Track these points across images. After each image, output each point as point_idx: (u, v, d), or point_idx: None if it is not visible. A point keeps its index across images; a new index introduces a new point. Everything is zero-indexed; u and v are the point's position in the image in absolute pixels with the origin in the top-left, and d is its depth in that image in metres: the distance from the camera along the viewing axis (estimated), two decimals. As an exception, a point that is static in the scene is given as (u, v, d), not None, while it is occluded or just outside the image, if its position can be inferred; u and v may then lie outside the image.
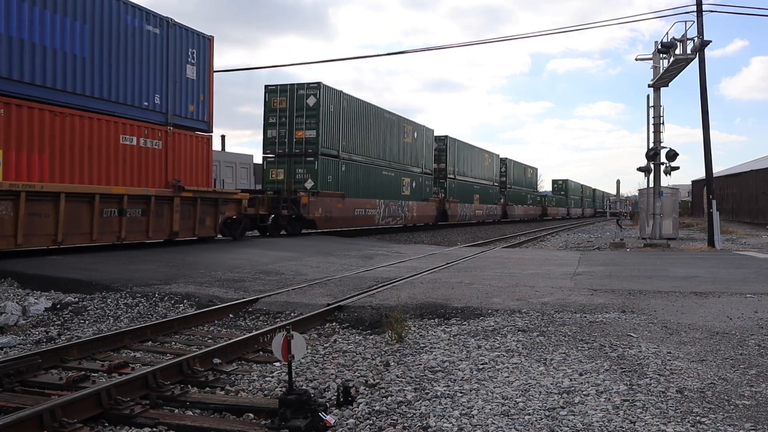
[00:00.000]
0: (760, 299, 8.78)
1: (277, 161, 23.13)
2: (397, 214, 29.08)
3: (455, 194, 38.13)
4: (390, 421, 4.13)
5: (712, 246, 19.77)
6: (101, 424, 4.27)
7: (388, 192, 28.36)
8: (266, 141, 23.44)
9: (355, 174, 25.42)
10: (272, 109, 23.14)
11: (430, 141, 34.46)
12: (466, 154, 41.02)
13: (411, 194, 31.11)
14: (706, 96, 19.94)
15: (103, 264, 11.58)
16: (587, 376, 5.00)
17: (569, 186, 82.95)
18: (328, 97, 23.18)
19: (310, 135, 22.72)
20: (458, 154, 39.18)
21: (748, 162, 60.95)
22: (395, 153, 29.45)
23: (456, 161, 38.63)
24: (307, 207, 21.44)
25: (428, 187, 34.00)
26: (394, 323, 6.54)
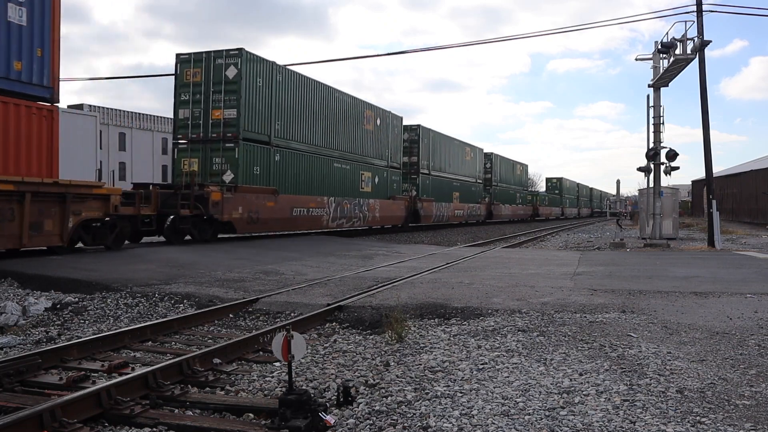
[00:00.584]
0: (760, 299, 8.78)
1: (191, 148, 18.61)
2: (353, 215, 24.93)
3: (430, 192, 34.01)
4: (390, 421, 4.13)
5: (712, 246, 19.77)
6: (101, 424, 4.27)
7: (342, 188, 24.20)
8: (177, 123, 18.89)
9: (295, 165, 21.18)
10: (184, 83, 18.64)
11: (398, 130, 30.10)
12: (444, 147, 36.65)
13: (373, 191, 26.90)
14: (706, 96, 19.95)
15: (103, 264, 11.58)
16: (587, 376, 5.00)
17: (564, 184, 79.38)
18: (253, 68, 18.74)
19: (230, 115, 18.22)
20: (434, 146, 34.86)
21: (748, 162, 60.98)
22: (352, 142, 25.06)
23: (431, 154, 34.41)
24: (219, 206, 16.95)
25: (395, 184, 29.67)
26: (394, 323, 6.54)
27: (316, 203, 22.34)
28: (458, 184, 39.42)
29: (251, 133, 18.78)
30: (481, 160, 45.57)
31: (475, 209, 43.13)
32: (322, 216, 22.64)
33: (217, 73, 18.32)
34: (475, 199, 43.42)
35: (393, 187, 29.47)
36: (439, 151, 35.72)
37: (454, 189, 38.43)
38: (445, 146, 36.88)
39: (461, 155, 40.27)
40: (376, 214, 27.24)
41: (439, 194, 35.53)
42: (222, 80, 18.21)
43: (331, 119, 23.62)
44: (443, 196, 36.20)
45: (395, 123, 30.02)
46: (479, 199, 44.35)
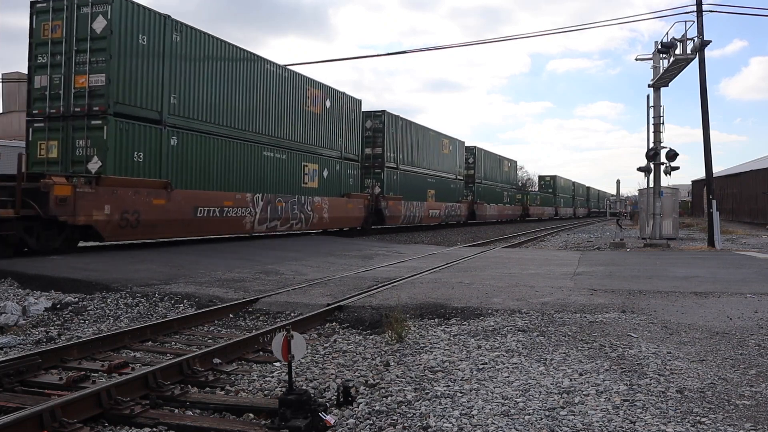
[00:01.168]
0: (760, 299, 8.78)
1: (49, 127, 14.05)
2: (290, 215, 20.24)
3: (398, 189, 29.54)
4: (390, 421, 4.13)
5: (712, 246, 19.77)
6: (101, 424, 4.26)
7: (275, 183, 19.66)
8: (32, 95, 14.30)
9: (203, 153, 16.50)
10: (42, 41, 14.14)
11: (355, 115, 25.46)
12: (416, 138, 32.11)
13: (320, 187, 22.49)
14: (706, 96, 19.95)
15: (103, 264, 11.58)
16: (587, 376, 5.00)
17: (558, 183, 74.78)
18: (133, 21, 14.25)
19: (97, 82, 13.70)
20: (403, 136, 30.36)
21: (748, 162, 60.99)
22: (290, 127, 20.56)
23: (399, 146, 29.89)
24: (70, 204, 12.39)
25: (352, 179, 25.16)
26: (394, 323, 6.54)
27: (235, 201, 17.37)
28: (434, 181, 34.65)
29: (129, 106, 14.17)
30: (462, 154, 40.73)
31: (455, 209, 38.20)
32: (244, 217, 17.79)
33: (82, 25, 13.78)
34: (455, 197, 38.48)
35: (349, 182, 24.77)
36: (409, 142, 31.17)
37: (428, 186, 33.79)
38: (417, 137, 32.24)
39: (437, 148, 35.47)
40: (324, 215, 22.59)
41: (410, 192, 30.86)
42: (88, 35, 13.72)
43: (259, 97, 18.92)
44: (415, 194, 31.56)
45: (352, 107, 25.18)
46: (459, 197, 39.50)
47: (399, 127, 30.09)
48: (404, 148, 30.70)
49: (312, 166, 22.19)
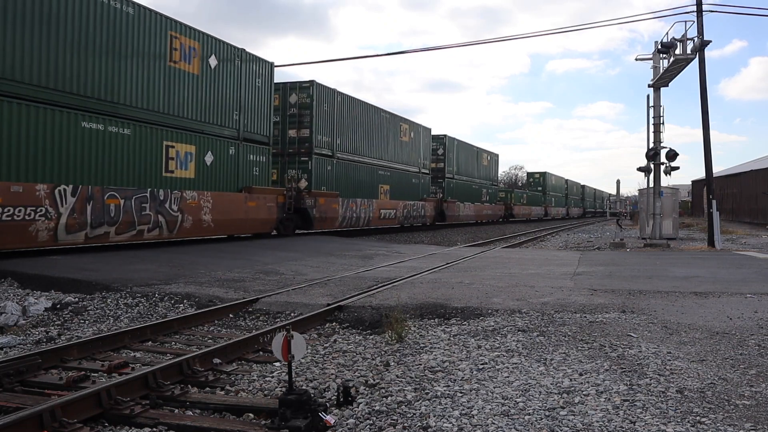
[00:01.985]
0: (760, 299, 8.78)
1: None
2: (137, 218, 14.15)
3: (334, 183, 23.62)
4: (390, 421, 4.13)
5: (712, 246, 19.77)
6: (101, 424, 4.26)
7: (108, 169, 13.63)
8: None
9: None
10: None
11: (264, 83, 19.25)
12: (362, 120, 25.84)
13: (199, 177, 16.45)
14: (706, 96, 19.96)
15: (103, 264, 11.58)
16: (587, 376, 5.00)
17: (548, 181, 68.78)
18: None
19: None
20: (342, 116, 24.09)
21: (748, 162, 61.02)
22: (140, 89, 14.52)
23: (337, 128, 23.74)
24: None
25: (258, 168, 18.94)
26: (394, 323, 6.54)
27: (11, 197, 11.28)
28: (388, 174, 28.58)
29: None
30: (428, 143, 34.39)
31: (417, 209, 32.02)
32: (32, 222, 11.66)
33: None
34: (417, 194, 32.39)
35: (253, 172, 18.69)
36: (352, 124, 25.06)
37: (380, 180, 27.75)
38: (364, 119, 26.03)
39: (393, 134, 29.31)
40: (205, 217, 16.29)
41: (353, 187, 25.17)
42: None
43: (76, 38, 12.81)
44: (361, 190, 25.82)
45: (259, 70, 18.99)
46: (424, 194, 33.33)
47: (336, 103, 23.58)
48: (344, 131, 24.33)
49: (184, 147, 15.89)
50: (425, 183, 34.04)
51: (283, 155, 22.37)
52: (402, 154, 30.57)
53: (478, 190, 44.39)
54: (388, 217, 28.61)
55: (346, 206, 24.45)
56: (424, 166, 33.90)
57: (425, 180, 34.04)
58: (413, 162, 32.12)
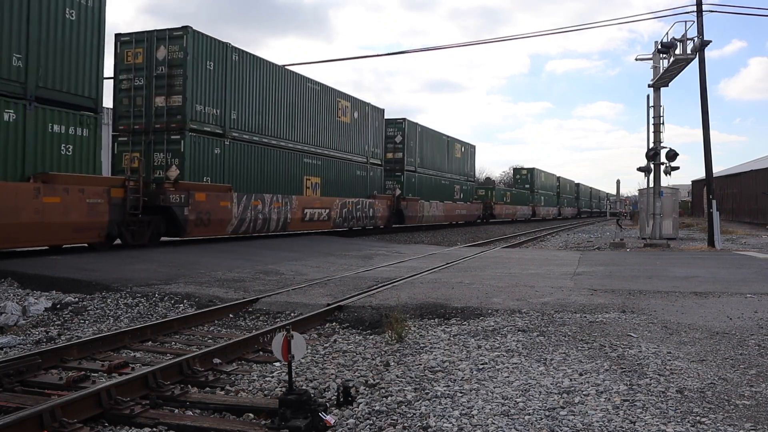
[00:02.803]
0: (760, 299, 8.78)
1: None
2: None
3: (228, 174, 17.52)
4: (390, 421, 4.13)
5: (712, 246, 19.77)
6: (101, 424, 4.26)
7: None
8: None
9: None
10: None
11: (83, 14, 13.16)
12: (275, 90, 19.78)
13: None
14: (706, 96, 19.96)
15: (103, 264, 11.58)
16: (587, 376, 5.00)
17: (537, 178, 62.45)
18: None
19: None
20: (238, 82, 17.98)
21: (748, 162, 61.03)
22: None
23: (227, 97, 17.48)
24: None
25: (73, 144, 12.89)
26: (394, 323, 6.54)
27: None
28: (317, 163, 22.45)
29: None
30: (380, 128, 27.97)
31: (362, 208, 25.65)
32: None
33: None
34: (363, 190, 26.07)
35: (59, 153, 12.65)
36: (253, 91, 18.69)
37: (306, 171, 21.65)
38: (274, 86, 19.79)
39: (327, 112, 23.17)
40: None
41: (258, 179, 18.96)
42: None
43: None
44: (272, 183, 19.58)
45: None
46: (374, 190, 27.03)
47: (228, 62, 17.50)
48: (244, 102, 18.25)
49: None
50: (376, 176, 27.49)
51: (148, 133, 16.03)
52: (341, 139, 24.22)
53: (449, 186, 37.84)
54: (317, 218, 22.03)
55: (245, 204, 17.79)
56: (375, 156, 27.30)
57: (376, 173, 27.50)
58: (358, 150, 25.68)
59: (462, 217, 40.69)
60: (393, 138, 30.67)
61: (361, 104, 26.17)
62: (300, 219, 21.01)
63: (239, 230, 17.91)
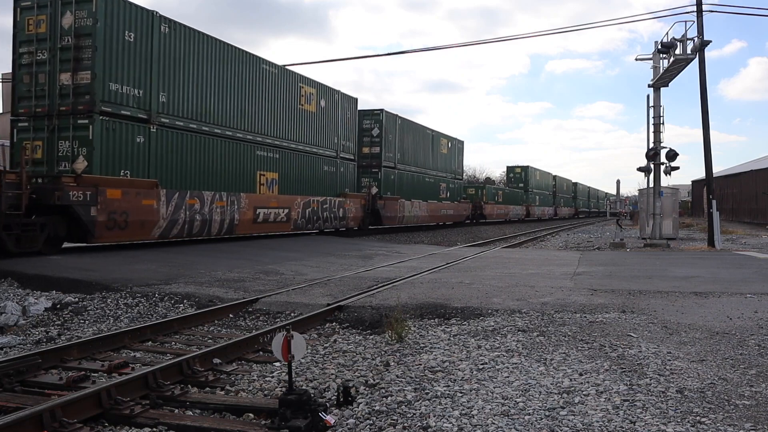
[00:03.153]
0: (760, 299, 8.78)
1: None
2: None
3: (154, 166, 14.81)
4: (390, 421, 4.13)
5: (712, 246, 19.77)
6: (101, 424, 4.26)
7: None
8: None
9: None
10: None
11: None
12: (217, 69, 17.01)
13: None
14: (706, 96, 19.96)
15: (103, 264, 11.58)
16: (587, 376, 5.00)
17: (531, 176, 59.28)
18: None
19: None
20: (167, 57, 15.23)
21: (747, 162, 61.05)
22: None
23: (152, 75, 14.79)
24: None
25: None
26: (394, 323, 6.54)
27: None
28: (275, 157, 19.78)
29: None
30: (352, 119, 25.23)
31: (330, 207, 23.06)
32: None
33: None
34: (333, 187, 23.48)
35: None
36: (188, 70, 15.93)
37: (260, 165, 19.00)
38: (216, 64, 16.87)
39: (286, 98, 20.45)
40: None
41: (198, 172, 16.21)
42: None
43: None
44: (216, 179, 16.86)
45: None
46: (345, 188, 24.38)
47: (152, 33, 14.72)
48: (173, 82, 15.29)
49: None
50: (348, 173, 24.77)
51: (52, 116, 13.53)
52: (304, 130, 21.60)
53: (434, 184, 34.93)
54: (273, 219, 19.36)
55: (177, 203, 15.12)
56: (346, 150, 24.57)
57: (348, 169, 24.76)
58: (326, 142, 23.02)
59: (448, 218, 37.88)
60: (369, 131, 27.77)
61: (329, 91, 23.32)
62: (251, 220, 18.22)
63: (170, 233, 15.11)
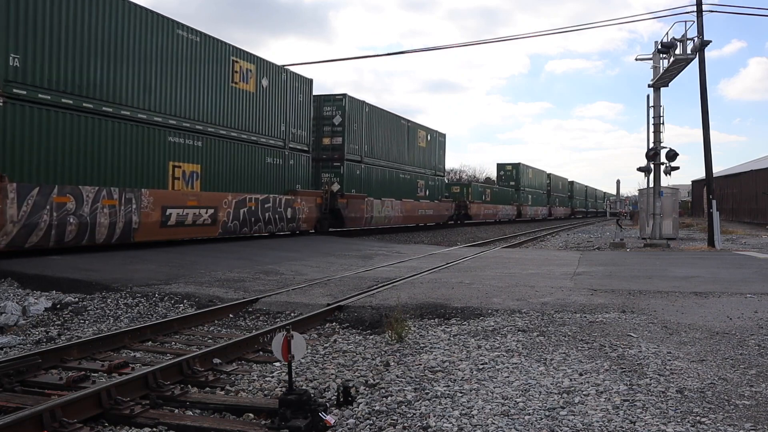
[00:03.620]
0: (760, 299, 8.78)
1: None
2: None
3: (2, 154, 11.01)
4: (390, 421, 4.13)
5: (712, 246, 19.77)
6: (101, 424, 4.26)
7: None
8: None
9: None
10: None
11: None
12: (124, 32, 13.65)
13: None
14: (706, 96, 19.96)
15: (103, 264, 11.58)
16: (587, 376, 5.00)
17: (523, 174, 55.73)
18: None
19: None
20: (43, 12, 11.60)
21: (747, 162, 61.06)
22: None
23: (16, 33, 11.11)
24: None
25: None
26: (394, 323, 6.54)
27: None
28: (198, 145, 16.19)
29: None
30: (305, 103, 21.45)
31: (278, 207, 19.63)
32: None
33: None
34: (279, 183, 19.97)
35: None
36: (76, 36, 12.55)
37: (174, 154, 15.42)
38: (126, 32, 13.82)
39: (217, 77, 16.91)
40: None
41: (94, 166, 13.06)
42: None
43: None
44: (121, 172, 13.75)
45: None
46: (296, 184, 20.91)
47: None
48: (33, 41, 11.61)
49: None
50: (300, 166, 21.23)
51: None
52: (239, 113, 17.78)
53: (410, 181, 31.28)
54: (192, 222, 15.61)
55: (37, 202, 11.60)
56: (298, 139, 21.13)
57: (300, 161, 21.26)
58: (270, 129, 19.44)
59: (427, 219, 34.31)
60: (330, 119, 24.17)
61: (274, 69, 19.63)
62: (157, 223, 14.59)
63: (26, 241, 11.42)
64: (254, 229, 18.58)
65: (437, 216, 35.95)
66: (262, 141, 19.08)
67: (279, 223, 19.93)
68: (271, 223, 19.52)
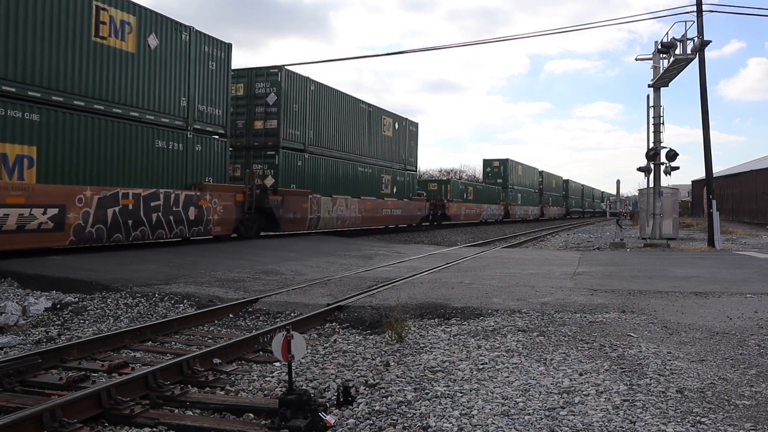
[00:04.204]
0: (760, 299, 8.78)
1: None
2: None
3: None
4: (390, 421, 4.13)
5: (712, 246, 19.77)
6: (101, 424, 4.26)
7: None
8: None
9: None
10: None
11: None
12: None
13: None
14: (706, 96, 19.95)
15: (103, 264, 11.58)
16: (587, 376, 5.00)
17: (511, 171, 51.20)
18: None
19: None
20: None
21: (747, 162, 61.06)
22: None
23: None
24: None
25: None
26: (394, 323, 6.54)
27: None
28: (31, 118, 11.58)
29: None
30: (225, 72, 17.31)
31: (173, 206, 15.12)
32: None
33: None
34: (179, 175, 15.59)
35: None
36: None
37: None
38: None
39: (71, 27, 12.42)
40: None
41: None
42: None
43: None
44: None
45: None
46: (208, 177, 16.58)
47: None
48: None
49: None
50: (213, 152, 16.80)
51: None
52: (109, 79, 13.59)
53: (373, 176, 27.03)
54: (18, 227, 11.18)
55: None
56: (209, 119, 16.75)
57: (212, 147, 16.78)
58: (160, 103, 15.05)
59: (395, 219, 29.75)
60: (263, 98, 20.13)
61: (168, 25, 15.19)
62: None
63: None
64: (135, 235, 13.93)
65: (407, 217, 31.09)
66: (147, 118, 14.57)
67: (177, 225, 15.30)
68: (162, 226, 14.83)
